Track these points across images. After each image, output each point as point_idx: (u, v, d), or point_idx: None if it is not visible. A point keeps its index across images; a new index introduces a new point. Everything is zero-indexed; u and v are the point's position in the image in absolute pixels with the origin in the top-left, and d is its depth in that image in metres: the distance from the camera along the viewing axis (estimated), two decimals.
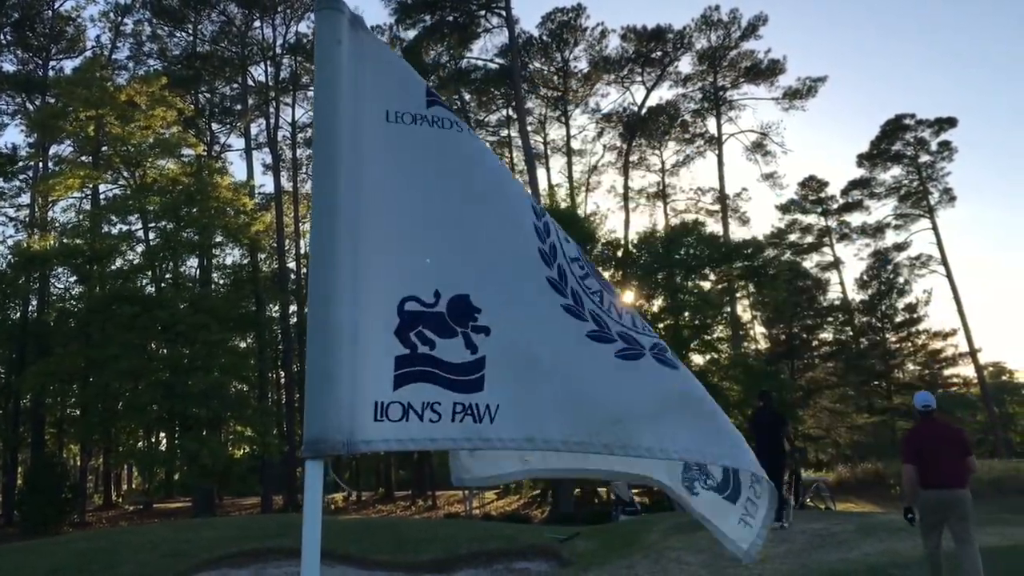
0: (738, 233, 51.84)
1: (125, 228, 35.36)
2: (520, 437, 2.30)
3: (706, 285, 43.08)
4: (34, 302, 36.66)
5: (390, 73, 2.55)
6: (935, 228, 53.65)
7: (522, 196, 2.71)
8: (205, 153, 41.91)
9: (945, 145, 53.67)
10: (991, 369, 69.23)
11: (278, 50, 44.44)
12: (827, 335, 57.14)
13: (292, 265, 45.58)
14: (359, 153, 2.37)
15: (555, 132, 53.80)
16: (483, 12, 42.61)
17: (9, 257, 35.69)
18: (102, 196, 38.33)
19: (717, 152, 51.05)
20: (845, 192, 57.96)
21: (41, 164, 39.42)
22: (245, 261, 39.91)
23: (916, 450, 8.18)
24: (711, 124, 51.95)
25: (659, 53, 48.87)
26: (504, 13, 40.85)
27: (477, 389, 2.32)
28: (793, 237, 59.69)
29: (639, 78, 49.85)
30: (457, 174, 2.62)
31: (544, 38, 48.19)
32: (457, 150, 2.62)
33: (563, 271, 2.57)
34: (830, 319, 56.83)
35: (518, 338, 2.39)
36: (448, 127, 2.60)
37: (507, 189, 2.67)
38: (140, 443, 35.86)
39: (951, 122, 53.13)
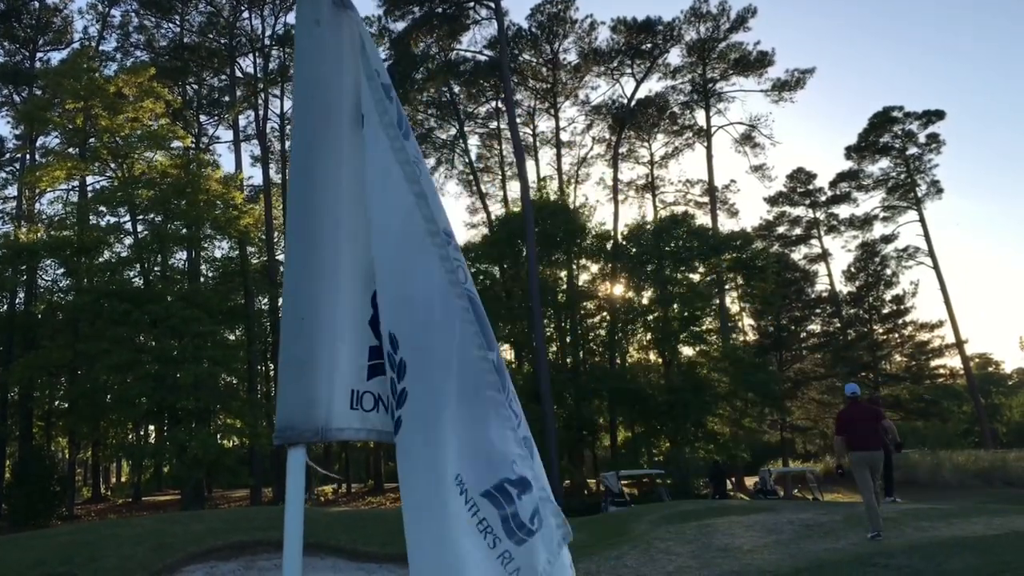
0: (727, 225, 52.08)
1: (113, 220, 35.22)
2: None
3: (695, 277, 43.20)
4: (21, 294, 36.49)
5: (369, 60, 2.47)
6: (922, 220, 53.93)
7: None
8: (193, 145, 41.70)
9: (933, 138, 53.92)
10: (977, 360, 69.76)
11: (266, 41, 44.22)
12: (815, 327, 57.49)
13: (281, 257, 45.44)
14: (338, 139, 2.32)
15: (544, 124, 53.90)
16: (472, 4, 42.50)
17: None
18: (89, 188, 38.15)
19: (706, 144, 51.13)
20: (833, 184, 58.24)
21: (28, 156, 39.21)
22: (234, 254, 39.78)
23: (845, 425, 11.55)
24: (700, 116, 52.08)
25: (649, 45, 48.89)
26: (493, 5, 40.74)
27: None
28: (782, 229, 59.98)
29: (628, 70, 49.88)
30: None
31: (533, 30, 48.18)
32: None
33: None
34: (818, 311, 57.13)
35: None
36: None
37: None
38: (129, 436, 35.77)
39: (939, 115, 53.36)
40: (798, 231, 59.84)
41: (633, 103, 50.01)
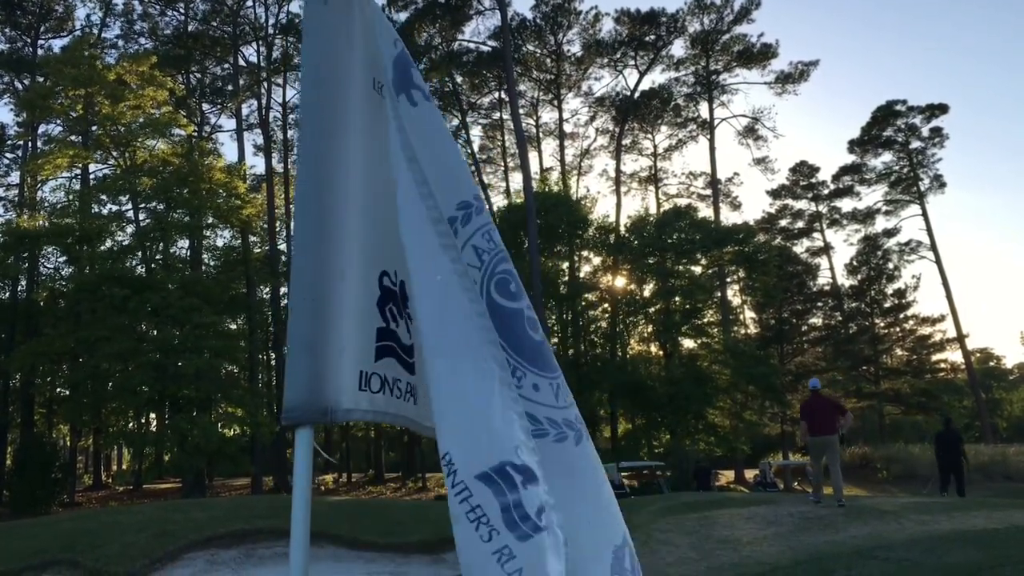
0: (729, 218, 52.04)
1: (115, 209, 35.18)
2: (431, 425, 2.23)
3: (697, 270, 43.18)
4: (24, 282, 36.50)
5: (378, 39, 2.42)
6: (925, 214, 53.84)
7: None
8: (196, 134, 41.64)
9: (936, 131, 53.82)
10: (979, 355, 69.69)
11: (270, 30, 44.10)
12: (816, 320, 57.58)
13: (283, 247, 45.48)
14: (347, 118, 2.30)
15: (547, 115, 53.80)
16: None
17: None
18: (91, 176, 38.12)
19: (709, 136, 51.03)
20: (836, 178, 58.15)
21: (30, 143, 39.15)
22: (236, 243, 39.76)
23: (808, 413, 13.44)
24: (703, 108, 51.97)
25: (652, 37, 48.76)
26: None
27: (414, 372, 2.38)
28: (784, 222, 59.96)
29: (632, 62, 49.76)
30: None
31: (537, 21, 48.07)
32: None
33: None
34: (819, 304, 57.14)
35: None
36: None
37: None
38: (130, 424, 35.84)
39: (942, 108, 53.24)
40: (800, 224, 59.83)
41: (636, 95, 49.96)
